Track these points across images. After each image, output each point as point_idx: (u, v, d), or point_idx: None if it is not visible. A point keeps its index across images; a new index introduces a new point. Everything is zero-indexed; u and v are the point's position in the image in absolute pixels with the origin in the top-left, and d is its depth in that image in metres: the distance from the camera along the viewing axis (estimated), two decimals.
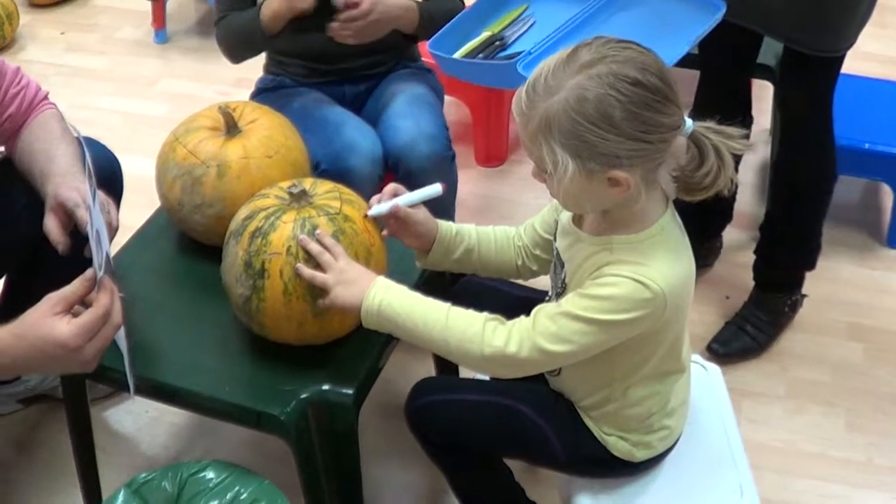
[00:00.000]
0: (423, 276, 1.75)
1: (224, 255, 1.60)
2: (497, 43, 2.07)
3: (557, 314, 1.39)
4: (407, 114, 2.17)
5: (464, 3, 2.23)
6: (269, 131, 1.79)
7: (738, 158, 1.40)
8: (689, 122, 1.34)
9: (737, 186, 1.62)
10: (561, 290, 1.50)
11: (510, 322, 1.43)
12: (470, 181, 2.99)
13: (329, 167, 2.04)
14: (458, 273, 1.70)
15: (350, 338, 1.63)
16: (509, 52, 2.05)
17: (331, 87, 2.30)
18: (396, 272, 1.59)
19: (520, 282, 1.74)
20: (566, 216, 1.52)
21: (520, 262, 1.66)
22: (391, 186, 1.58)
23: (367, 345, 1.64)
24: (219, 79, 3.45)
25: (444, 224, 1.62)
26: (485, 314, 1.44)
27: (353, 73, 2.30)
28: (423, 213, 1.58)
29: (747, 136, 1.39)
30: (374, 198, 1.58)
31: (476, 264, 1.65)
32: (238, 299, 1.56)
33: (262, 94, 2.32)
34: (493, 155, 3.13)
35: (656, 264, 1.37)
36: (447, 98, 2.53)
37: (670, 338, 1.48)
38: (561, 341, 1.38)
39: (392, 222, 1.58)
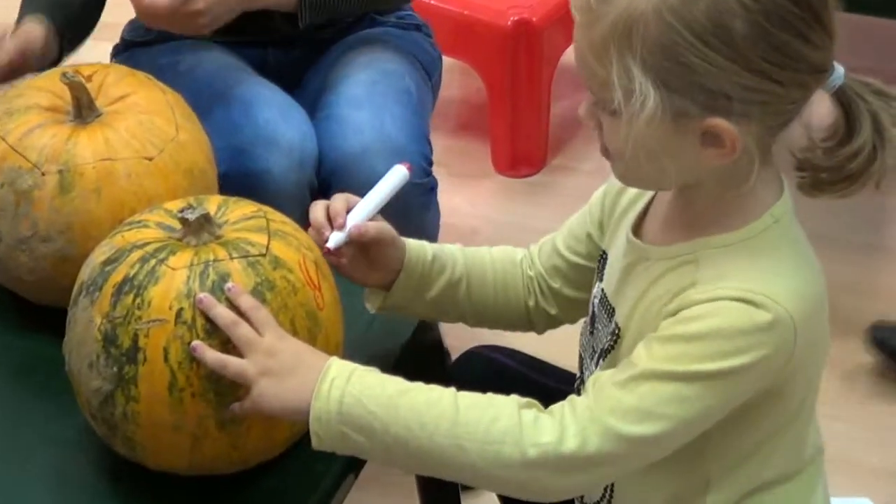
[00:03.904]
0: (405, 349, 1.74)
1: (70, 323, 1.54)
2: None
3: (630, 379, 1.38)
4: (364, 101, 2.14)
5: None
6: (150, 115, 1.76)
7: None
8: (839, 69, 1.36)
9: None
10: (610, 347, 1.50)
11: (552, 408, 1.42)
12: (484, 198, 3.04)
13: (231, 169, 2.01)
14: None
15: (279, 464, 1.58)
16: None
17: (245, 48, 2.28)
18: (358, 347, 1.60)
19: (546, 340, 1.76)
20: (620, 242, 1.51)
21: (532, 303, 1.68)
22: (340, 197, 1.60)
23: (307, 476, 1.58)
24: None
25: (413, 245, 1.64)
26: (514, 397, 1.42)
27: (277, 31, 2.26)
28: (391, 231, 1.64)
29: None
30: (318, 213, 1.59)
31: (464, 307, 1.67)
32: (93, 397, 1.49)
33: (133, 49, 2.30)
34: (524, 156, 3.16)
35: (770, 273, 1.37)
36: (449, 61, 2.53)
37: (803, 407, 1.46)
38: (647, 417, 1.36)
39: (346, 250, 1.61)
